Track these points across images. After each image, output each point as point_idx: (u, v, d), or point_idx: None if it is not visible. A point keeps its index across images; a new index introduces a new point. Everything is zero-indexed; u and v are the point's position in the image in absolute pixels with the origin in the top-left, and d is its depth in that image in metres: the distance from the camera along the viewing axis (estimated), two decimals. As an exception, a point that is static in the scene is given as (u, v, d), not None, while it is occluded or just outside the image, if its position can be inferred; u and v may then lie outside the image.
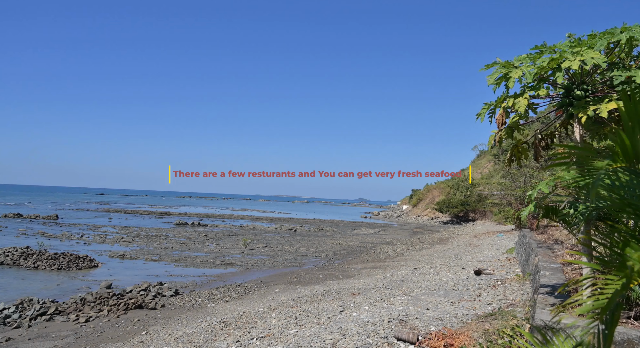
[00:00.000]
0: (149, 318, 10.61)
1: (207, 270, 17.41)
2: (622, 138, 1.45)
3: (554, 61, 4.60)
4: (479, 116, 5.93)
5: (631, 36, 4.34)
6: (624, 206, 1.80)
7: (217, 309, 11.11)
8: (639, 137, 1.46)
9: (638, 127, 1.50)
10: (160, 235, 28.84)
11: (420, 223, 58.93)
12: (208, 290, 13.61)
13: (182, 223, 39.48)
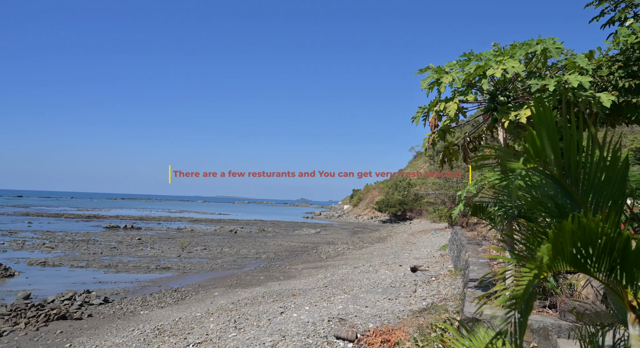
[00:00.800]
0: (74, 330, 9.82)
1: (141, 275, 16.48)
2: (534, 140, 1.57)
3: (480, 68, 4.92)
4: (414, 119, 6.17)
5: (545, 48, 4.76)
6: (536, 205, 1.95)
7: (151, 316, 10.55)
8: (547, 140, 1.58)
9: (546, 131, 1.64)
10: (88, 240, 26.82)
11: (360, 223, 60.37)
12: (141, 296, 12.87)
13: (113, 227, 37.03)
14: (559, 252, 1.51)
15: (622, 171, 1.73)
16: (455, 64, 5.33)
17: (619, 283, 1.67)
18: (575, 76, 4.80)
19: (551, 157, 1.64)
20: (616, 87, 6.94)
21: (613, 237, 1.54)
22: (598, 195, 1.72)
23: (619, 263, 1.61)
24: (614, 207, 1.73)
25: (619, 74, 6.84)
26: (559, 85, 4.95)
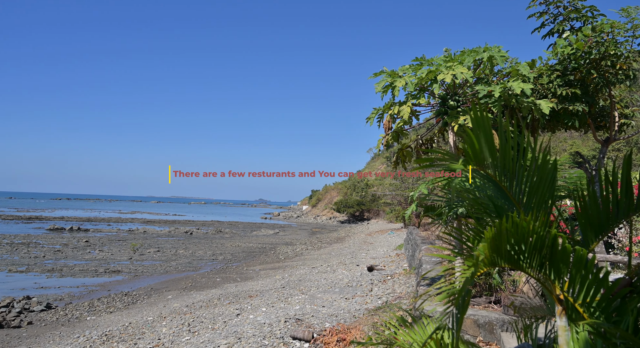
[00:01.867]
0: (11, 339, 9.16)
1: (88, 279, 15.62)
2: (473, 143, 1.66)
3: (432, 73, 5.10)
4: (368, 120, 6.30)
5: (491, 55, 5.02)
6: (478, 205, 2.05)
7: (99, 322, 10.04)
8: (484, 143, 1.68)
9: (483, 135, 1.73)
10: (28, 243, 25.07)
11: (319, 223, 60.69)
12: (88, 301, 12.20)
13: (57, 229, 34.84)
14: (496, 250, 1.60)
15: (552, 173, 1.87)
16: (408, 68, 5.50)
17: (548, 278, 1.80)
18: (518, 83, 5.10)
19: (488, 160, 1.74)
20: (555, 95, 7.44)
21: (542, 236, 1.66)
22: (530, 196, 1.85)
23: (548, 260, 1.73)
24: (544, 207, 1.87)
25: (557, 82, 7.34)
26: (504, 92, 5.23)
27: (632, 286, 1.68)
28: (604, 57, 7.07)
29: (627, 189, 1.76)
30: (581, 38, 6.94)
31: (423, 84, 5.54)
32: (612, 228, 1.84)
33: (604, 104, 8.36)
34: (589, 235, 1.84)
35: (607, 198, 1.76)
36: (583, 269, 1.67)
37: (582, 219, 1.82)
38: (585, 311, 1.74)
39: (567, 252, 1.68)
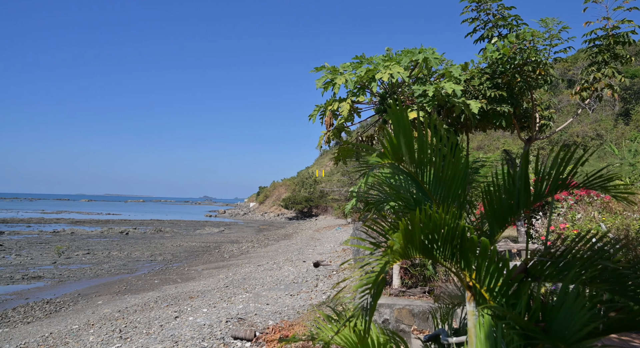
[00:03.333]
0: None
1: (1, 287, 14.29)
2: (390, 139, 1.76)
3: (370, 72, 5.28)
4: (311, 117, 6.37)
5: (426, 57, 5.29)
6: (400, 199, 2.17)
7: (13, 334, 9.23)
8: (403, 139, 1.79)
9: (402, 131, 1.85)
10: None
11: (266, 220, 60.27)
12: (1, 311, 11.19)
13: (-35, 232, 31.59)
14: (410, 241, 1.72)
15: (464, 169, 2.03)
16: (348, 65, 5.63)
17: (459, 267, 1.96)
18: (450, 84, 5.41)
19: (406, 155, 1.85)
20: (485, 96, 7.98)
21: (453, 227, 1.80)
22: (444, 190, 2.00)
23: (458, 250, 1.88)
24: (457, 201, 2.03)
25: (487, 84, 7.88)
26: (437, 91, 5.53)
27: (526, 272, 1.88)
28: (526, 63, 7.69)
29: (525, 183, 1.96)
30: (507, 44, 7.49)
31: (363, 82, 5.71)
32: (514, 219, 2.04)
33: (527, 106, 9.10)
34: (494, 227, 2.02)
35: (508, 191, 1.95)
36: (487, 258, 1.84)
37: (488, 212, 2.00)
38: (490, 296, 1.91)
39: (474, 242, 1.83)
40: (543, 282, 1.92)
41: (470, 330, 1.96)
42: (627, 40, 8.20)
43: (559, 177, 1.98)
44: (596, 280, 1.81)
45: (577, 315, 1.48)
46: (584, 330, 1.42)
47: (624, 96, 60.11)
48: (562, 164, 1.94)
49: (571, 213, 8.29)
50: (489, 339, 1.90)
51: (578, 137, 55.73)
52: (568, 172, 1.95)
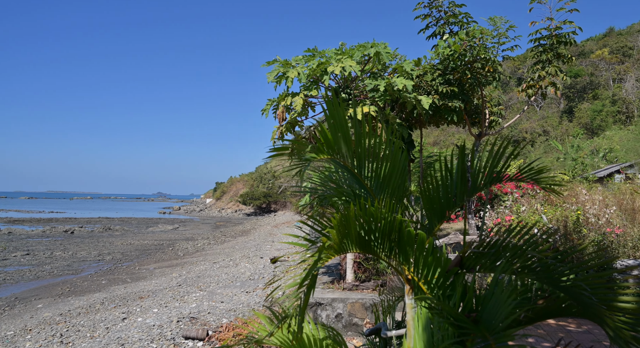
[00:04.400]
0: None
1: None
2: (325, 134, 1.75)
3: (322, 65, 5.26)
4: (263, 111, 6.28)
5: (378, 51, 5.34)
6: (341, 194, 2.17)
7: None
8: (340, 134, 1.78)
9: (339, 126, 1.84)
10: None
11: (224, 217, 59.25)
12: None
13: None
14: (346, 236, 1.72)
15: (402, 163, 2.06)
16: (301, 58, 5.59)
17: (398, 260, 1.99)
18: (401, 79, 5.51)
19: (343, 149, 1.85)
20: (437, 92, 8.21)
21: (390, 221, 1.82)
22: (383, 184, 2.02)
23: (396, 244, 1.90)
24: (397, 195, 2.05)
25: (439, 80, 8.11)
26: (389, 86, 5.61)
27: (461, 263, 1.94)
28: (475, 60, 7.99)
29: (462, 176, 2.01)
30: (458, 41, 7.73)
31: (316, 76, 5.68)
32: (452, 212, 2.10)
33: (478, 102, 9.47)
34: (433, 220, 2.07)
35: (445, 185, 1.99)
36: (424, 251, 1.87)
37: (426, 205, 2.04)
38: (427, 288, 1.96)
39: (411, 236, 1.86)
40: (478, 273, 1.98)
41: (409, 323, 2.00)
42: (569, 40, 8.71)
43: (494, 170, 2.06)
44: (525, 270, 1.89)
45: (503, 304, 1.53)
46: (509, 319, 1.48)
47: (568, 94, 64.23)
48: (495, 157, 2.01)
49: (516, 206, 8.74)
50: (426, 331, 1.94)
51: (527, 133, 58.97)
52: (501, 166, 2.03)
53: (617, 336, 1.63)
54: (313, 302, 5.75)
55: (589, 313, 1.73)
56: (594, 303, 1.62)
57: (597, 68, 63.08)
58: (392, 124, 6.30)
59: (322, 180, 2.34)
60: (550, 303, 1.96)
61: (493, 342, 1.48)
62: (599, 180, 18.62)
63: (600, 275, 1.75)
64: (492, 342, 1.48)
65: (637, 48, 65.88)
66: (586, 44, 72.44)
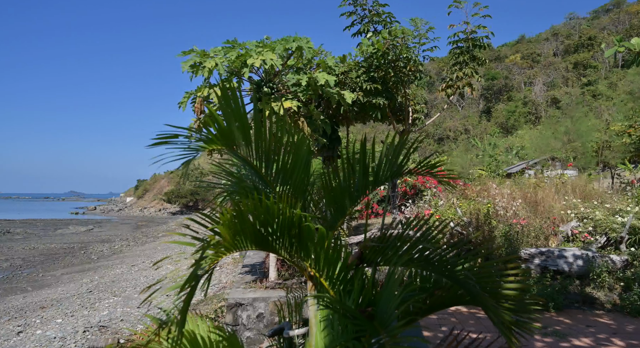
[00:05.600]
0: None
1: None
2: (218, 122, 1.67)
3: (242, 57, 5.12)
4: (181, 104, 5.98)
5: (300, 45, 5.32)
6: (241, 189, 2.09)
7: None
8: (237, 123, 1.71)
9: (235, 115, 1.76)
10: None
11: (146, 216, 56.19)
12: None
13: None
14: (240, 232, 1.65)
15: (306, 156, 2.03)
16: (220, 50, 5.39)
17: (300, 257, 1.96)
18: (323, 74, 5.54)
19: (240, 141, 1.78)
20: (362, 89, 8.42)
21: (289, 216, 1.78)
22: (285, 178, 1.98)
23: (297, 240, 1.87)
24: (298, 189, 2.03)
25: (363, 78, 8.32)
26: (311, 81, 5.62)
27: (361, 258, 1.97)
28: (398, 59, 8.31)
29: (363, 170, 2.04)
30: (381, 40, 7.98)
31: (236, 68, 5.52)
32: (355, 206, 2.12)
33: (401, 100, 9.87)
34: (335, 215, 2.08)
35: (347, 178, 2.01)
36: (325, 246, 1.86)
37: (328, 199, 2.04)
38: (329, 285, 1.95)
39: (311, 231, 1.84)
40: (378, 266, 2.02)
41: (311, 321, 1.98)
42: (483, 44, 9.37)
43: (395, 164, 2.11)
44: (421, 262, 1.96)
45: (395, 298, 1.56)
46: (398, 312, 1.51)
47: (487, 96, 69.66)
48: (396, 151, 2.06)
49: (434, 200, 9.26)
50: (328, 328, 1.94)
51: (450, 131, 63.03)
52: (401, 160, 2.08)
53: (500, 321, 1.75)
54: (233, 303, 5.61)
55: (477, 301, 1.83)
56: (479, 292, 1.71)
57: (511, 72, 69.22)
58: (316, 120, 6.33)
59: (225, 175, 2.25)
60: (445, 293, 2.05)
61: (385, 336, 1.50)
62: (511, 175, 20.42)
63: (485, 264, 1.87)
64: (384, 336, 1.50)
65: (544, 55, 73.28)
66: (501, 50, 79.08)
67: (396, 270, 1.93)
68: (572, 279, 6.79)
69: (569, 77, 63.73)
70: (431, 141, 59.53)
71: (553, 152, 24.32)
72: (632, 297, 6.11)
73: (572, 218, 8.11)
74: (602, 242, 7.50)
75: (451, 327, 5.33)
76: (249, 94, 6.45)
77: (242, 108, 1.83)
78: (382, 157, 2.09)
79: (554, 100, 58.07)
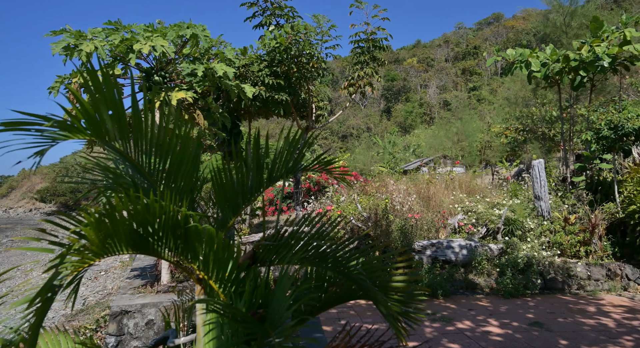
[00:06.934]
0: None
1: None
2: (86, 109, 1.50)
3: (127, 41, 4.71)
4: (52, 90, 5.32)
5: (195, 33, 5.06)
6: (119, 185, 1.91)
7: None
8: (111, 113, 1.55)
9: (110, 103, 1.60)
10: None
11: (12, 217, 49.43)
12: None
13: None
14: (113, 234, 1.50)
15: (194, 152, 1.93)
16: (100, 31, 4.90)
17: (187, 259, 1.85)
18: (221, 65, 5.35)
19: (114, 132, 1.61)
20: (264, 84, 8.34)
21: (172, 215, 1.66)
22: (170, 175, 1.85)
23: (183, 241, 1.76)
24: (185, 187, 1.92)
25: (266, 72, 8.25)
26: (208, 72, 5.39)
27: (254, 258, 1.93)
28: (301, 55, 8.39)
29: (257, 166, 2.00)
30: (283, 34, 7.98)
31: (121, 53, 5.06)
32: (248, 204, 2.07)
33: (305, 97, 10.00)
34: (227, 213, 2.00)
35: (240, 175, 1.95)
36: (214, 246, 1.78)
37: (219, 197, 1.96)
38: (219, 287, 1.87)
39: (199, 230, 1.74)
40: (271, 265, 1.99)
41: (198, 327, 1.89)
42: (382, 46, 9.90)
43: (290, 160, 2.09)
44: (316, 259, 1.98)
45: (287, 297, 1.55)
46: (290, 311, 1.50)
47: (387, 96, 74.11)
48: (291, 147, 2.05)
49: (336, 196, 9.57)
50: (215, 333, 1.87)
51: (353, 129, 65.78)
52: (296, 157, 2.08)
53: (389, 314, 1.84)
54: (118, 311, 5.18)
55: (368, 295, 1.90)
56: (370, 286, 1.78)
57: (409, 74, 74.66)
58: (214, 113, 6.11)
59: (101, 170, 2.03)
60: (339, 289, 2.10)
61: (274, 338, 1.48)
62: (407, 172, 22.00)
63: (375, 258, 1.95)
64: (274, 339, 1.48)
65: (437, 60, 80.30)
66: (400, 52, 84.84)
67: (289, 268, 1.92)
68: (458, 267, 7.53)
69: (458, 82, 70.73)
70: (335, 138, 61.56)
71: (445, 151, 26.79)
72: (505, 281, 6.99)
73: (458, 212, 8.99)
74: (483, 233, 8.44)
75: (349, 320, 5.56)
76: (138, 83, 5.99)
77: (117, 94, 1.66)
78: (277, 153, 2.07)
79: (445, 103, 63.97)
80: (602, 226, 7.96)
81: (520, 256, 7.34)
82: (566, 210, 8.59)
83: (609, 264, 7.60)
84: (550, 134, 17.57)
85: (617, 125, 8.29)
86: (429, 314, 5.91)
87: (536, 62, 9.33)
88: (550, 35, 16.10)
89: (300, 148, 2.01)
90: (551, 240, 8.06)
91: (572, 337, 4.99)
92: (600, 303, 6.60)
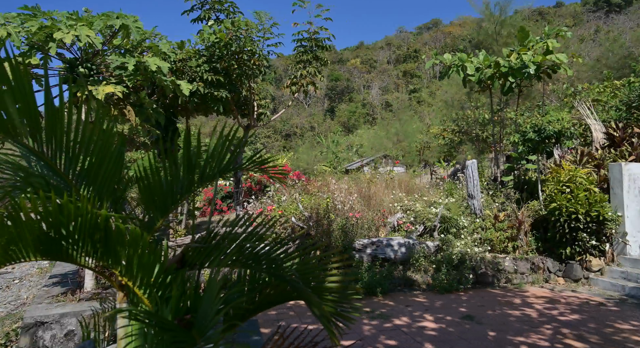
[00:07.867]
0: None
1: None
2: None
3: (47, 29, 4.37)
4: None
5: (125, 24, 4.80)
6: (30, 185, 1.76)
7: None
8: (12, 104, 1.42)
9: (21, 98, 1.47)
10: None
11: None
12: None
13: None
14: (17, 239, 1.37)
15: (117, 150, 1.82)
16: (15, 16, 4.50)
17: (107, 264, 1.74)
18: (155, 60, 5.12)
19: (23, 128, 1.49)
20: (203, 79, 8.11)
21: (90, 218, 1.56)
22: (89, 174, 1.74)
23: (103, 245, 1.66)
24: (106, 187, 1.81)
25: (205, 68, 8.02)
26: (140, 66, 5.14)
27: (183, 261, 1.86)
28: (242, 51, 8.26)
29: (188, 165, 1.93)
30: (223, 29, 7.81)
31: (40, 41, 4.68)
32: (177, 204, 1.99)
33: (246, 94, 9.85)
34: (155, 214, 1.92)
35: (169, 174, 1.87)
36: (139, 250, 1.69)
37: (145, 197, 1.87)
38: (144, 293, 1.78)
39: (122, 234, 1.65)
40: (202, 269, 1.93)
41: (119, 336, 1.79)
42: (325, 45, 9.99)
43: (223, 159, 2.04)
44: (249, 261, 1.95)
45: (216, 301, 1.51)
46: (218, 316, 1.46)
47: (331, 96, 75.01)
48: (224, 146, 2.00)
49: (277, 195, 9.52)
50: (139, 342, 1.78)
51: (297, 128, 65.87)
52: (230, 156, 2.03)
53: (322, 315, 1.85)
54: (32, 322, 4.79)
55: (302, 296, 1.90)
56: (303, 288, 1.78)
57: (352, 75, 76.14)
58: (147, 109, 5.84)
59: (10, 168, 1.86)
60: (274, 291, 2.09)
61: (202, 346, 1.43)
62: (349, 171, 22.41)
63: (310, 259, 1.96)
64: (201, 346, 1.43)
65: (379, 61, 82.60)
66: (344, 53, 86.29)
67: (223, 271, 1.87)
68: (397, 265, 7.78)
69: (399, 84, 73.22)
70: (279, 137, 61.32)
71: (386, 151, 27.61)
72: (441, 277, 7.33)
73: (398, 210, 9.29)
74: (421, 231, 8.79)
75: (289, 322, 5.55)
76: (61, 75, 5.58)
77: (29, 85, 1.53)
78: (210, 152, 2.01)
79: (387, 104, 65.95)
80: (527, 223, 8.59)
81: (454, 253, 7.73)
82: (496, 208, 9.17)
83: (533, 258, 8.22)
84: (483, 136, 18.68)
85: (540, 128, 8.98)
86: (368, 312, 6.05)
87: (471, 66, 9.87)
88: (483, 42, 17.14)
89: (235, 146, 1.97)
90: (483, 237, 8.56)
91: (499, 328, 5.34)
92: (525, 295, 7.12)
